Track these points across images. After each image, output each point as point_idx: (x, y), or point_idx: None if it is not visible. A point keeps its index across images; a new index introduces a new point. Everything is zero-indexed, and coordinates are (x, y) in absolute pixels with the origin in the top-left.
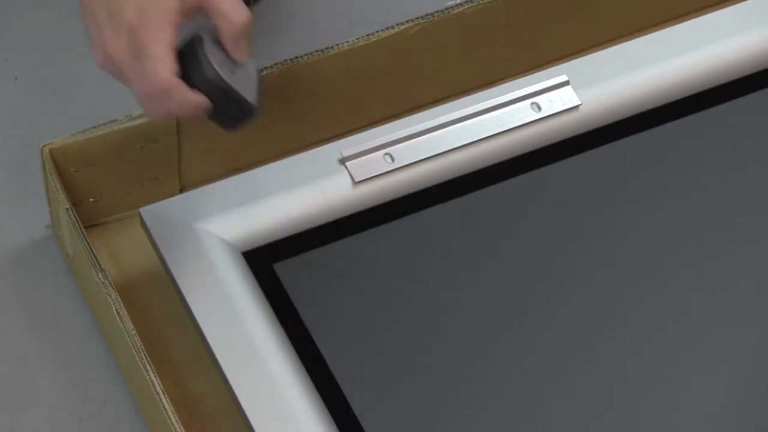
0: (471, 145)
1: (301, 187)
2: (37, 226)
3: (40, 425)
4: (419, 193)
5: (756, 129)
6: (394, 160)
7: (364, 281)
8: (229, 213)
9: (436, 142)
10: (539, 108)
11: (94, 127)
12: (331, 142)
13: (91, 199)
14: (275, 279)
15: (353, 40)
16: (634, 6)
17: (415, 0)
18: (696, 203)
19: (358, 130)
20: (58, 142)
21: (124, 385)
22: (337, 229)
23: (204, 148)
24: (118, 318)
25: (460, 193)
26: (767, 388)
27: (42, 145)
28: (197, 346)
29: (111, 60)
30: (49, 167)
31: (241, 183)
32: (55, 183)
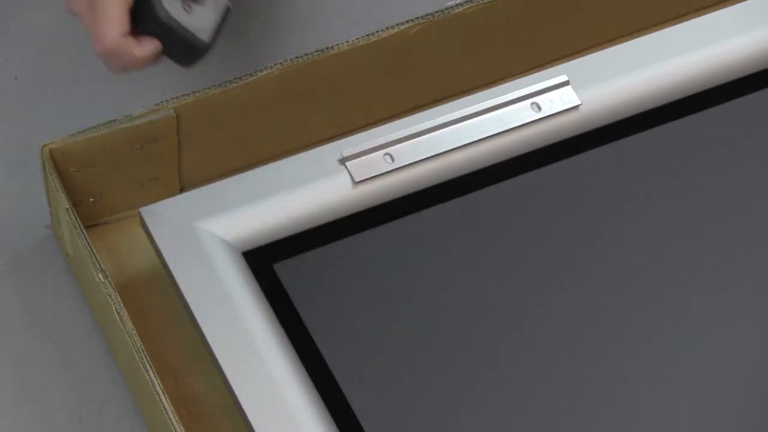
0: (471, 145)
1: (301, 187)
2: (37, 226)
3: (40, 425)
4: (419, 193)
5: (756, 129)
6: (394, 160)
7: (364, 281)
8: (229, 213)
9: (436, 142)
10: (539, 108)
11: (94, 127)
12: (331, 142)
13: (91, 199)
14: (275, 279)
15: (353, 40)
16: (634, 6)
17: (415, 0)
18: (696, 203)
19: (358, 130)
20: (58, 142)
21: (124, 385)
22: (337, 229)
23: (204, 148)
24: (118, 318)
25: (460, 193)
26: (767, 388)
27: (42, 145)
28: (197, 346)
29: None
30: (49, 167)
31: (241, 183)
32: (55, 183)
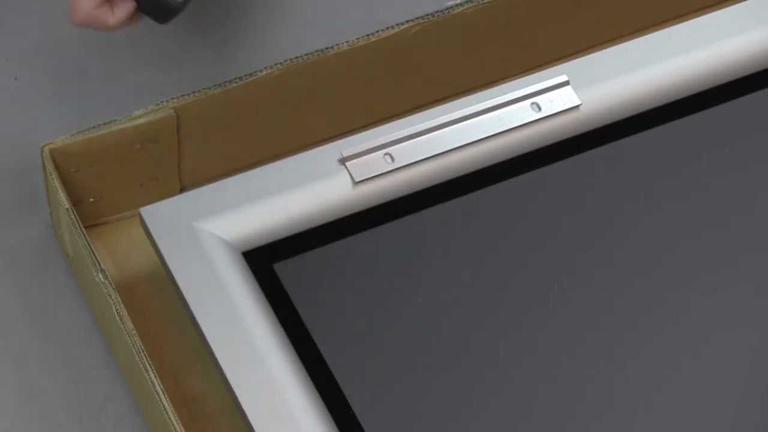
0: (471, 145)
1: (301, 187)
2: (37, 226)
3: (40, 425)
4: (419, 193)
5: (756, 129)
6: (394, 160)
7: (364, 281)
8: (229, 213)
9: (436, 142)
10: (539, 108)
11: (94, 127)
12: (331, 142)
13: (91, 199)
14: (275, 279)
15: (353, 40)
16: (634, 6)
17: (415, 0)
18: (696, 203)
19: (358, 130)
20: (58, 142)
21: (124, 385)
22: (337, 229)
23: (204, 148)
24: (118, 318)
25: (460, 193)
26: (767, 388)
27: (42, 145)
28: (197, 346)
29: None
30: (49, 167)
31: (241, 183)
32: (55, 183)
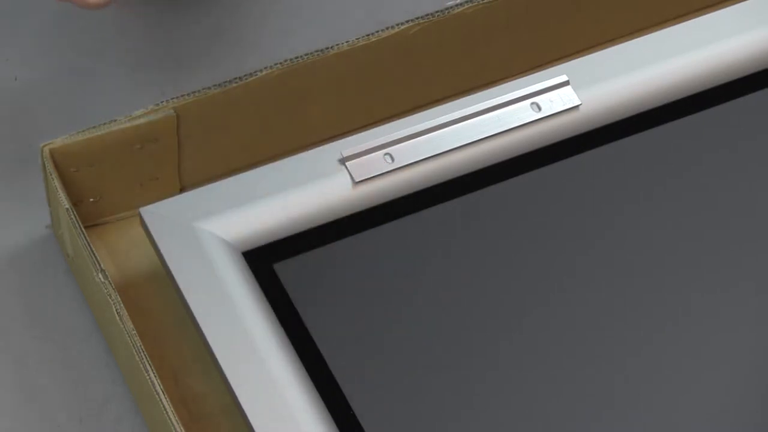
0: (471, 145)
1: (301, 187)
2: (37, 226)
3: (40, 425)
4: (419, 193)
5: (756, 129)
6: (394, 160)
7: (364, 281)
8: (229, 213)
9: (436, 142)
10: (539, 108)
11: (94, 127)
12: (331, 142)
13: (91, 199)
14: (275, 279)
15: (353, 40)
16: (634, 6)
17: (415, 0)
18: (696, 203)
19: (358, 130)
20: (58, 142)
21: (124, 385)
22: (337, 229)
23: (204, 148)
24: (118, 318)
25: (460, 193)
26: (767, 388)
27: (42, 145)
28: (197, 346)
29: None
30: (49, 167)
31: (241, 183)
32: (55, 183)
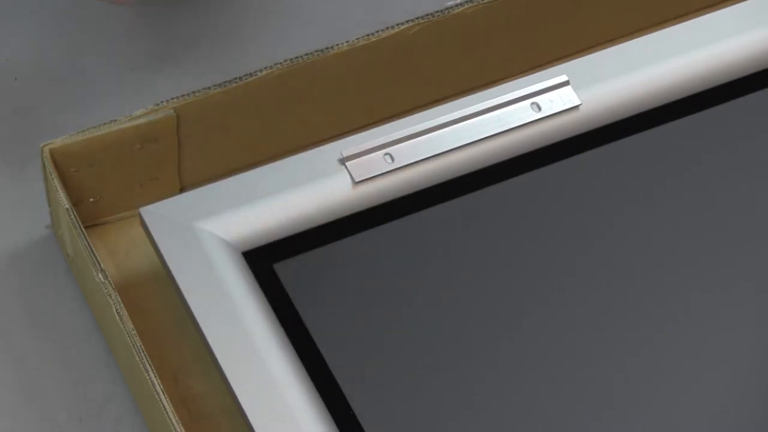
0: (471, 145)
1: (301, 187)
2: (37, 226)
3: (40, 425)
4: (419, 193)
5: (756, 129)
6: (394, 160)
7: (364, 281)
8: (229, 213)
9: (436, 142)
10: (539, 108)
11: (94, 127)
12: (331, 142)
13: (91, 199)
14: (275, 279)
15: (353, 40)
16: (634, 6)
17: (415, 0)
18: (696, 203)
19: (358, 130)
20: (58, 142)
21: (124, 385)
22: (337, 229)
23: (204, 148)
24: (118, 318)
25: (460, 193)
26: (767, 388)
27: (42, 145)
28: (197, 346)
29: None
30: (49, 167)
31: (241, 183)
32: (55, 183)
